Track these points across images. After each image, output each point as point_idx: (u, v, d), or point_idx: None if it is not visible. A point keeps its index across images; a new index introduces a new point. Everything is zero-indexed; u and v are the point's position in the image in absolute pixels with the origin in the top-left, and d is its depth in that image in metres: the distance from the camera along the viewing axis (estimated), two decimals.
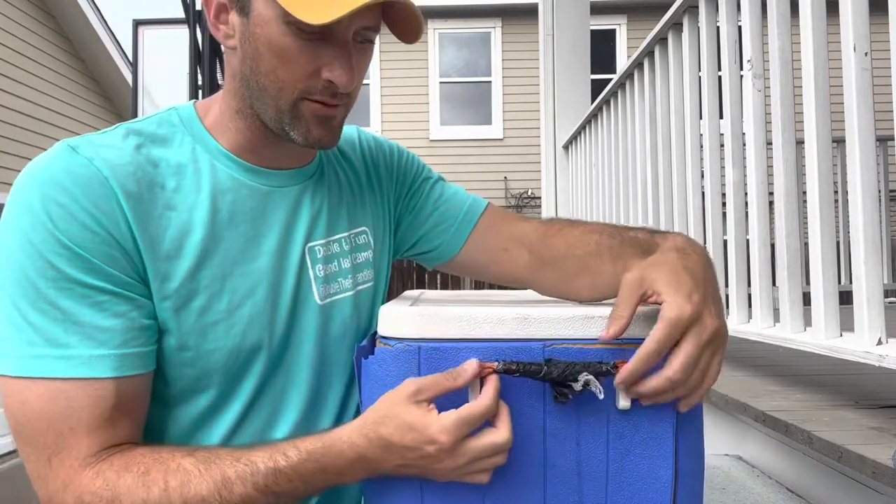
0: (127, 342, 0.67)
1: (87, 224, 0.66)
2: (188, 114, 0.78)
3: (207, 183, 0.74)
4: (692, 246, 0.75)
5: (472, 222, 0.95)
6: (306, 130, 0.73)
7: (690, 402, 0.67)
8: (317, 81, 0.71)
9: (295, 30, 0.68)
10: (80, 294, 0.65)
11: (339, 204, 0.87)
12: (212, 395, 0.75)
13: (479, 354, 0.66)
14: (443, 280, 6.94)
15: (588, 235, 0.87)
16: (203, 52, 3.93)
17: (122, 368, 0.66)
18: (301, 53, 0.69)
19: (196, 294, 0.71)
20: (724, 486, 1.28)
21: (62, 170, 0.67)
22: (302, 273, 0.79)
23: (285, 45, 0.69)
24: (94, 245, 0.66)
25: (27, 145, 5.93)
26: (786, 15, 1.45)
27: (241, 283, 0.74)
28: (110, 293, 0.66)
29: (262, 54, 0.70)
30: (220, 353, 0.73)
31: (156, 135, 0.75)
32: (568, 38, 3.58)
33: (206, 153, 0.76)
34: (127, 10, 7.20)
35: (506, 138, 8.46)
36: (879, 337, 1.13)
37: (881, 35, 1.17)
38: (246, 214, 0.76)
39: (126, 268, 0.68)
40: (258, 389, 0.76)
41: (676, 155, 2.04)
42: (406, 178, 0.98)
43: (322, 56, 0.70)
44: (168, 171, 0.73)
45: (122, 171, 0.69)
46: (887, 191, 3.94)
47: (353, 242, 0.87)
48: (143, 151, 0.72)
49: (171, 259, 0.70)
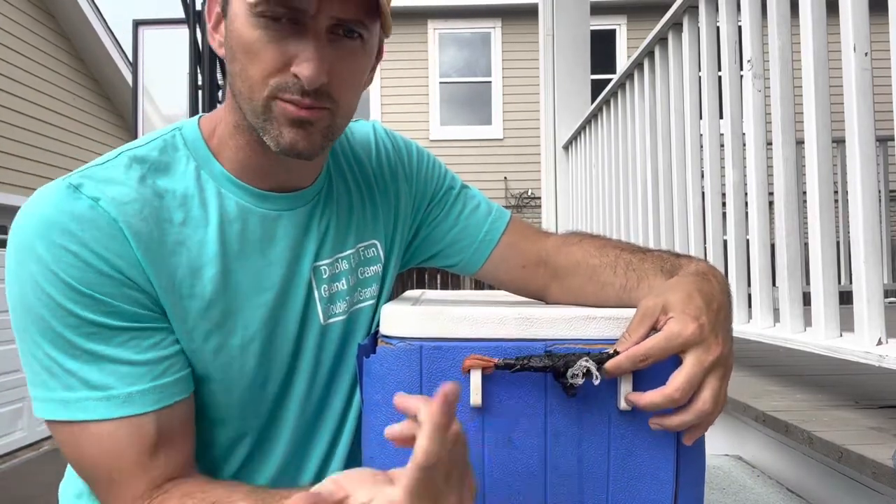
0: (163, 372, 0.67)
1: (102, 269, 0.64)
2: (192, 135, 0.76)
3: (215, 213, 0.72)
4: (713, 272, 0.74)
5: (493, 242, 0.92)
6: (277, 133, 0.68)
7: (697, 433, 0.66)
8: (286, 77, 0.66)
9: (265, 22, 0.64)
10: (107, 336, 0.64)
11: (347, 219, 0.84)
12: (229, 425, 0.75)
13: (480, 354, 0.66)
14: (443, 280, 6.94)
15: (607, 248, 0.85)
16: (203, 53, 3.93)
17: (161, 399, 0.66)
18: (269, 46, 0.65)
19: (210, 333, 0.71)
20: (724, 486, 1.28)
21: (67, 214, 0.64)
22: (309, 296, 0.78)
23: (253, 38, 0.65)
24: (112, 288, 0.64)
25: (27, 145, 5.93)
26: (786, 15, 1.45)
27: (251, 317, 0.73)
28: (137, 330, 0.66)
29: (235, 53, 0.67)
30: (236, 390, 0.73)
31: (159, 162, 0.72)
32: (568, 38, 3.58)
33: (211, 180, 0.74)
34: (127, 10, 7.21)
35: (506, 138, 8.46)
36: (879, 337, 1.13)
37: (881, 35, 1.17)
38: (255, 245, 0.74)
39: (146, 303, 0.67)
40: (267, 424, 0.77)
41: (676, 155, 2.04)
42: (427, 189, 0.94)
43: (290, 49, 0.65)
44: (174, 202, 0.71)
45: (130, 210, 0.67)
46: (887, 191, 3.94)
47: (361, 257, 0.85)
48: (148, 183, 0.70)
49: (184, 299, 0.69)
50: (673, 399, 0.62)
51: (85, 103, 6.89)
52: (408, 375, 0.67)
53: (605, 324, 0.69)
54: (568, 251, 0.89)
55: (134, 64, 4.55)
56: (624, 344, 0.64)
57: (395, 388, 0.67)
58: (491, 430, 0.67)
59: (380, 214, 0.88)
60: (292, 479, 0.79)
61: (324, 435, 0.81)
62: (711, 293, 0.68)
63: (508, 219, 0.95)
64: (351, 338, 0.83)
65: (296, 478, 0.80)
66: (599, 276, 0.83)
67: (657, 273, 0.77)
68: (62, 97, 6.51)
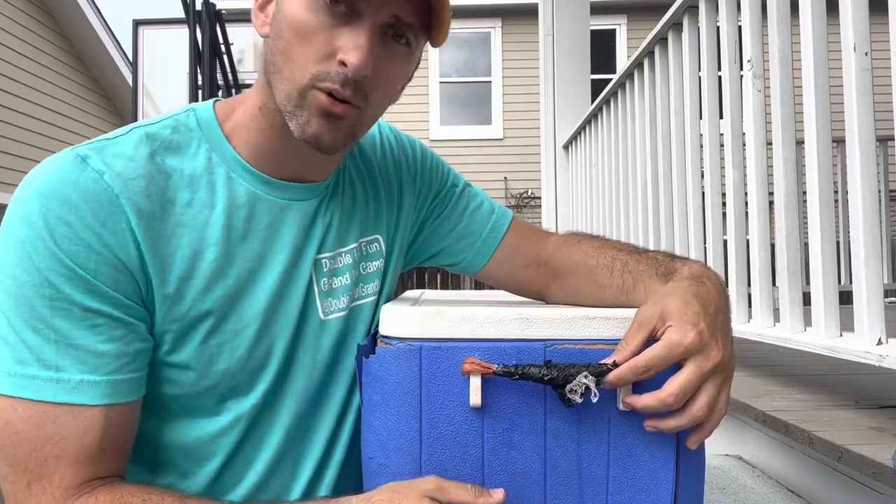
0: (120, 368, 0.64)
1: (93, 245, 0.63)
2: (206, 116, 0.75)
3: (222, 197, 0.71)
4: (708, 274, 0.73)
5: (497, 240, 0.92)
6: (305, 122, 0.67)
7: (699, 438, 0.66)
8: (329, 66, 0.65)
9: (322, 5, 0.64)
10: (77, 316, 0.62)
11: (351, 213, 0.83)
12: (213, 413, 0.73)
13: (480, 354, 0.66)
14: (443, 280, 6.94)
15: (605, 249, 0.85)
16: (203, 52, 3.93)
17: (113, 395, 0.64)
18: (319, 31, 0.65)
19: (205, 316, 0.70)
20: (724, 486, 1.28)
21: (70, 183, 0.63)
22: (308, 289, 0.77)
23: (305, 20, 0.65)
24: (98, 266, 0.63)
25: (27, 145, 5.93)
26: (786, 15, 1.45)
27: (249, 304, 0.72)
28: (109, 317, 0.64)
29: (282, 31, 0.67)
30: (221, 374, 0.71)
31: (171, 140, 0.71)
32: (568, 38, 3.58)
33: (222, 163, 0.73)
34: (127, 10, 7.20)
35: (506, 138, 8.46)
36: (879, 337, 1.13)
37: (881, 35, 1.17)
38: (260, 232, 0.74)
39: (129, 291, 0.65)
40: (262, 408, 0.76)
41: (676, 155, 2.04)
42: (432, 186, 0.94)
43: (340, 37, 0.65)
44: (181, 182, 0.70)
45: (134, 187, 0.66)
46: (887, 191, 3.94)
47: (363, 252, 0.84)
48: (157, 161, 0.69)
49: (182, 280, 0.68)
50: (667, 403, 0.62)
51: (85, 103, 6.89)
52: (407, 376, 0.67)
53: (605, 324, 0.69)
54: (567, 251, 0.89)
55: (134, 64, 4.55)
56: (621, 353, 0.64)
57: (394, 388, 0.67)
58: (490, 430, 0.67)
59: (383, 210, 0.87)
60: (288, 475, 0.78)
61: (321, 433, 0.80)
62: (708, 297, 0.68)
63: (511, 218, 0.95)
64: (350, 335, 0.82)
65: (292, 474, 0.79)
66: (597, 276, 0.83)
67: (652, 276, 0.77)
68: (62, 97, 6.52)
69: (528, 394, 0.67)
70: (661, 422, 0.65)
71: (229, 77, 4.09)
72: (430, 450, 0.67)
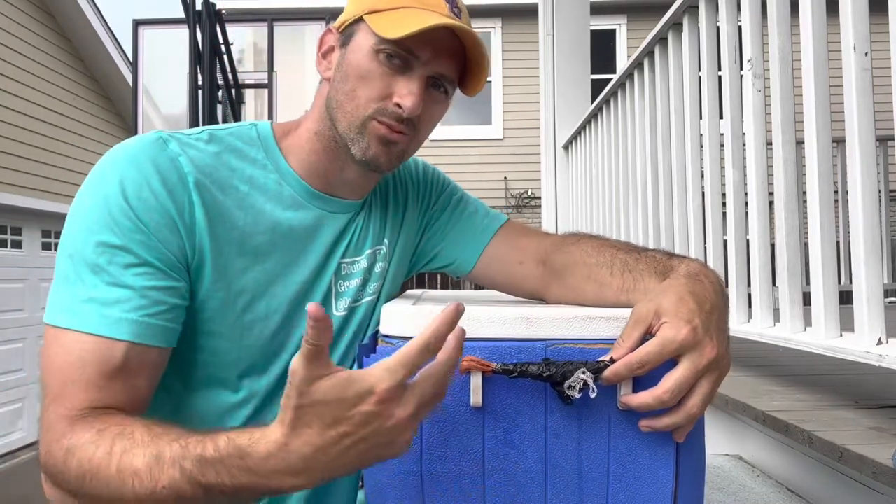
0: (157, 314, 0.72)
1: (157, 206, 0.73)
2: (266, 131, 0.87)
3: (273, 198, 0.83)
4: (705, 272, 0.74)
5: (487, 238, 0.99)
6: (366, 146, 0.81)
7: (684, 431, 0.67)
8: (387, 104, 0.79)
9: (383, 58, 0.79)
10: (131, 262, 0.71)
11: (369, 222, 0.93)
12: (233, 388, 0.81)
13: (480, 353, 0.66)
14: (443, 280, 6.94)
15: (605, 248, 0.87)
16: (203, 53, 3.93)
17: (141, 336, 0.71)
18: (380, 78, 0.79)
19: (243, 292, 0.80)
20: (724, 486, 1.28)
21: (148, 158, 0.74)
22: (329, 289, 0.88)
23: (370, 69, 0.79)
24: (158, 225, 0.73)
25: (27, 145, 5.93)
26: (786, 15, 1.45)
27: (280, 292, 0.82)
28: (156, 268, 0.72)
29: (348, 76, 0.81)
30: (248, 349, 0.80)
31: (234, 146, 0.83)
32: (568, 38, 3.58)
33: (275, 171, 0.85)
34: (127, 10, 7.20)
35: (506, 138, 8.46)
36: (879, 337, 1.13)
37: (881, 35, 1.17)
38: (300, 233, 0.84)
39: (178, 253, 0.74)
40: (273, 389, 0.83)
41: (676, 155, 2.05)
42: (431, 195, 1.03)
43: (397, 84, 0.80)
44: (241, 178, 0.82)
45: (203, 171, 0.77)
46: (887, 191, 3.94)
47: (374, 257, 0.93)
48: (223, 158, 0.81)
49: (232, 256, 0.78)
50: (662, 401, 0.63)
51: (85, 103, 6.89)
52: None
53: (605, 324, 0.70)
54: (567, 250, 0.90)
55: (134, 64, 4.55)
56: (618, 350, 0.65)
57: None
58: (491, 429, 0.67)
59: (389, 218, 0.96)
60: None
61: None
62: (704, 294, 0.69)
63: (505, 220, 1.02)
64: (342, 334, 0.89)
65: None
66: (597, 275, 0.84)
67: (651, 275, 0.78)
68: (62, 97, 6.51)
69: (529, 393, 0.67)
70: (656, 421, 0.65)
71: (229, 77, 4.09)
72: (430, 449, 0.67)
